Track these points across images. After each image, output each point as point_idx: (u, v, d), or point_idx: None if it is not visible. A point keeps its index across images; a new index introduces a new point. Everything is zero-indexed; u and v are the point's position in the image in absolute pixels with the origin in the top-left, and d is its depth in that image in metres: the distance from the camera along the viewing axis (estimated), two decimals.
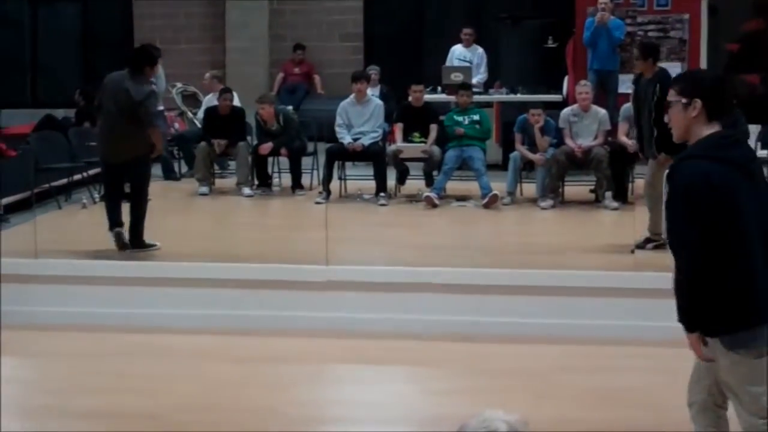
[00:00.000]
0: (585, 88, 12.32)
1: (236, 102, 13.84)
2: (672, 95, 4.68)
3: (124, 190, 9.98)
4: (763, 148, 13.35)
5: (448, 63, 15.04)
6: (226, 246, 10.26)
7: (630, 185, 12.07)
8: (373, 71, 15.18)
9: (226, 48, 17.92)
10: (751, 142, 12.64)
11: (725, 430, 4.83)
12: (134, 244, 9.61)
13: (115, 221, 9.68)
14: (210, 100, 14.44)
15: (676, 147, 4.87)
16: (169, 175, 14.18)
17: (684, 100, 4.61)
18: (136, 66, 9.68)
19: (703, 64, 14.75)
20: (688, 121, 4.62)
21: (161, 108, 14.18)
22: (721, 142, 4.58)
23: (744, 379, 4.50)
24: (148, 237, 9.71)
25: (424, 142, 12.64)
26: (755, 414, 4.51)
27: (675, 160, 4.62)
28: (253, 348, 8.05)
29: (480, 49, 15.35)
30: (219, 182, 13.73)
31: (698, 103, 4.59)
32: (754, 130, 12.91)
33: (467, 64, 14.94)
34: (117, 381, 7.22)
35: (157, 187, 13.25)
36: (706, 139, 4.58)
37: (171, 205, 12.59)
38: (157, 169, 14.24)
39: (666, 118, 4.76)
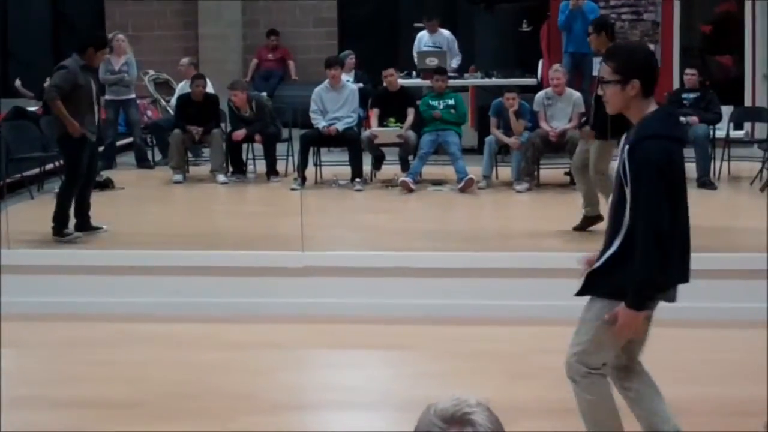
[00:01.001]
0: (558, 72, 12.33)
1: (209, 89, 13.78)
2: (607, 73, 4.72)
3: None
4: (735, 128, 13.42)
5: (415, 50, 15.06)
6: (202, 234, 10.22)
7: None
8: (350, 56, 15.16)
9: (199, 34, 17.84)
10: (724, 123, 12.71)
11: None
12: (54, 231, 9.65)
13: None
14: (184, 87, 14.38)
15: (619, 128, 4.97)
16: (143, 163, 14.13)
17: (621, 79, 4.66)
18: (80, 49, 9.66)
19: (677, 46, 14.82)
20: (626, 100, 4.71)
21: (132, 96, 14.16)
22: (671, 121, 4.75)
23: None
24: (126, 224, 9.68)
25: (400, 127, 12.62)
26: None
27: (635, 139, 4.64)
28: (231, 335, 8.03)
29: (446, 33, 15.34)
30: (193, 170, 13.69)
31: (636, 82, 4.66)
32: (726, 111, 12.99)
33: (438, 49, 14.93)
34: (98, 370, 7.19)
35: (130, 175, 13.28)
36: (660, 118, 4.68)
37: (145, 193, 12.55)
38: (130, 157, 14.23)
39: (600, 92, 4.81)
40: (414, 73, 14.74)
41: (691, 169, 11.94)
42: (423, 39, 15.30)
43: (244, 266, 8.76)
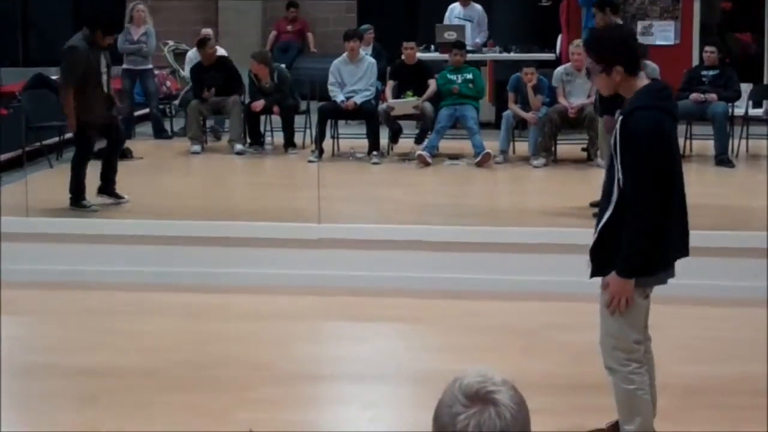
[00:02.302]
0: (578, 48, 12.26)
1: (222, 52, 13.79)
2: (591, 64, 4.85)
3: (103, 150, 10.03)
4: (754, 106, 13.36)
5: (446, 21, 14.98)
6: (219, 205, 10.26)
7: None
8: (367, 30, 15.14)
9: (218, 6, 17.83)
10: (743, 100, 12.66)
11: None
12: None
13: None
14: (192, 56, 14.35)
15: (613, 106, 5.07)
16: (160, 133, 14.15)
17: (604, 68, 4.78)
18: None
19: (696, 22, 14.74)
20: (614, 85, 4.85)
21: (150, 66, 14.17)
22: (663, 93, 4.84)
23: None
24: (145, 194, 9.75)
25: (417, 99, 12.61)
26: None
27: (626, 110, 4.75)
28: (246, 305, 8.08)
29: (479, 7, 15.26)
30: (211, 142, 13.71)
31: (619, 68, 4.79)
32: (745, 88, 12.93)
33: (467, 23, 14.88)
34: (113, 339, 7.25)
35: (148, 146, 13.31)
36: (652, 90, 4.79)
37: (164, 164, 12.60)
38: (148, 128, 14.26)
39: (589, 78, 4.89)
40: (432, 47, 14.71)
41: (709, 146, 11.93)
42: (455, 10, 15.20)
43: (261, 237, 8.79)
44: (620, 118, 4.73)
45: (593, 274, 4.92)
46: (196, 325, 7.59)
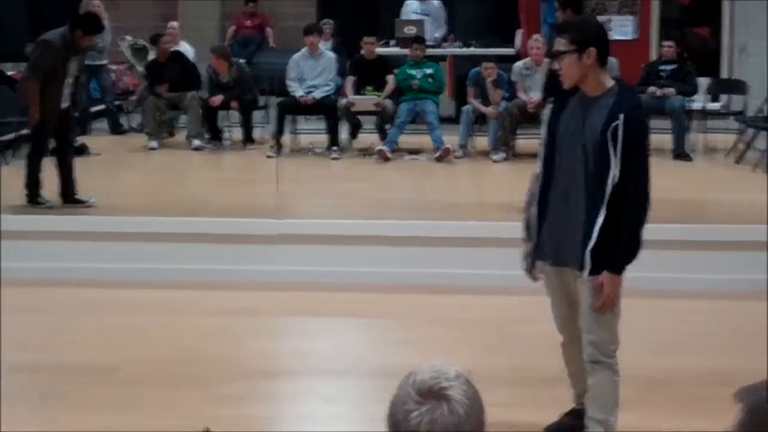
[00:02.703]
0: (537, 42, 12.29)
1: (186, 48, 13.70)
2: (563, 44, 4.85)
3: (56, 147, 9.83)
4: (712, 100, 13.44)
5: (403, 17, 14.95)
6: (177, 201, 10.18)
7: None
8: (327, 25, 15.08)
9: (177, 1, 17.69)
10: (700, 94, 12.73)
11: None
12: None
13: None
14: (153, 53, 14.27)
15: None
16: (116, 128, 14.04)
17: (577, 48, 4.75)
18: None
19: (655, 16, 14.80)
20: (583, 70, 4.80)
21: (105, 61, 14.04)
22: (636, 91, 5.01)
23: None
24: (103, 191, 9.64)
25: (378, 95, 12.59)
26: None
27: (628, 108, 4.76)
28: (207, 302, 8.02)
29: (436, 2, 15.24)
30: (169, 137, 13.62)
31: (593, 51, 4.79)
32: (703, 83, 13.01)
33: (422, 17, 14.86)
34: (76, 335, 7.19)
35: (105, 141, 13.20)
36: (631, 90, 4.90)
37: (121, 160, 12.49)
38: (104, 123, 14.14)
39: (556, 66, 4.85)
40: (392, 42, 14.68)
41: (667, 140, 11.98)
42: (412, 6, 15.17)
43: (220, 233, 8.74)
44: (621, 116, 4.71)
45: (592, 273, 4.87)
46: (158, 322, 7.52)
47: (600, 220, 4.78)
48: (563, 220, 4.96)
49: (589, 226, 4.82)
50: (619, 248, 4.81)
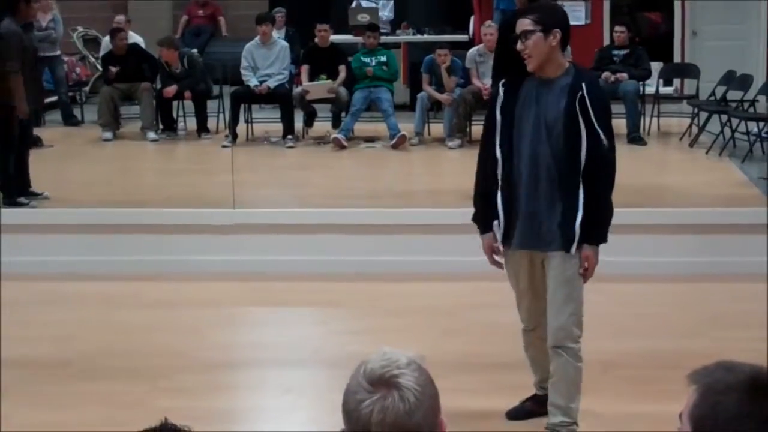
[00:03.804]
0: (490, 29, 12.28)
1: (136, 39, 13.60)
2: (529, 25, 4.88)
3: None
4: (665, 85, 13.53)
5: (354, 5, 14.92)
6: (132, 191, 10.12)
7: None
8: (279, 13, 15.00)
9: None
10: (653, 79, 12.80)
11: None
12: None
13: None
14: (107, 43, 14.15)
15: None
16: (69, 120, 13.92)
17: (543, 29, 4.83)
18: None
19: (606, 2, 14.86)
20: (549, 50, 4.86)
21: (58, 53, 13.92)
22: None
23: None
24: (56, 182, 9.49)
25: (332, 81, 12.54)
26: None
27: (588, 79, 4.94)
28: (161, 293, 7.98)
29: None
30: (123, 127, 13.51)
31: (558, 32, 4.87)
32: (656, 67, 13.08)
33: (374, 5, 14.83)
34: (24, 330, 7.10)
35: (58, 133, 13.07)
36: (585, 69, 5.02)
37: (75, 151, 12.38)
38: (57, 115, 14.01)
39: (520, 47, 4.85)
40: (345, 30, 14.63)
41: (621, 125, 12.02)
42: None
43: (175, 224, 8.68)
44: (583, 85, 4.82)
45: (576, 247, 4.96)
46: (111, 314, 7.47)
47: (581, 194, 4.85)
48: (534, 204, 4.97)
49: (568, 204, 4.87)
50: (599, 220, 4.93)
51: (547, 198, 4.93)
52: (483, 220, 5.17)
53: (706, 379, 2.10)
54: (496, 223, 5.09)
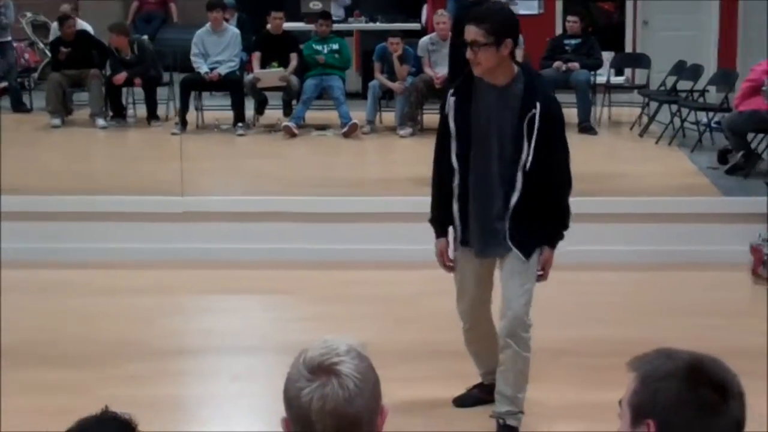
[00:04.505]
0: (443, 17, 12.27)
1: (85, 27, 13.47)
2: (482, 35, 4.81)
3: None
4: (616, 74, 13.59)
5: None
6: (80, 178, 10.01)
7: None
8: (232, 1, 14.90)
9: None
10: (605, 68, 12.85)
11: None
12: None
13: None
14: (56, 29, 14.00)
15: None
16: (19, 107, 13.75)
17: (495, 40, 4.80)
18: None
19: None
20: (500, 60, 4.84)
21: (9, 38, 13.76)
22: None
23: None
24: (2, 169, 9.38)
25: (283, 69, 12.48)
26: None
27: (544, 98, 4.91)
28: (110, 280, 7.92)
29: None
30: (72, 114, 13.38)
31: (509, 42, 4.86)
32: (607, 57, 13.13)
33: None
34: None
35: (6, 120, 12.90)
36: (539, 75, 4.97)
37: (23, 138, 12.23)
38: (5, 101, 13.85)
39: (469, 55, 4.82)
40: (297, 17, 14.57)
41: (572, 114, 12.06)
42: None
43: (124, 211, 8.62)
44: (538, 105, 4.82)
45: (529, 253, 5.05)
46: (58, 302, 7.40)
47: (537, 202, 4.93)
48: (491, 213, 5.02)
49: (525, 213, 4.93)
50: (557, 225, 5.05)
51: (503, 206, 4.96)
52: (439, 224, 5.20)
53: (646, 366, 2.11)
54: (451, 228, 5.13)
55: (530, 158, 4.83)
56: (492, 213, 4.99)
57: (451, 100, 5.00)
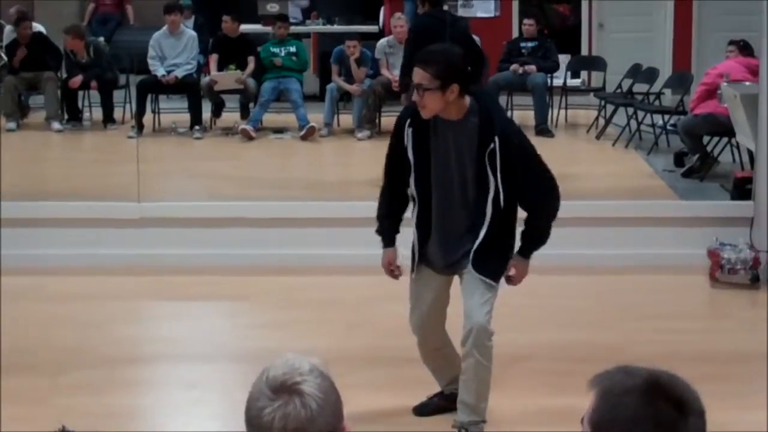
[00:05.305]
0: (400, 20, 12.27)
1: (38, 28, 13.36)
2: (427, 79, 4.75)
3: None
4: (573, 77, 13.63)
5: None
6: (35, 183, 9.92)
7: None
8: (187, 2, 14.82)
9: None
10: (561, 71, 12.89)
11: None
12: None
13: None
14: (10, 32, 13.86)
15: None
16: None
17: (440, 85, 4.74)
18: None
19: None
20: (445, 104, 4.81)
21: None
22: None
23: None
24: None
25: (241, 71, 12.43)
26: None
27: (501, 130, 4.83)
28: (63, 287, 7.84)
29: None
30: (28, 117, 13.25)
31: (456, 87, 4.78)
32: (564, 59, 13.17)
33: None
34: None
35: None
36: (496, 102, 5.10)
37: None
38: None
39: (415, 98, 4.79)
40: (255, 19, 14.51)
41: (529, 116, 12.10)
42: None
43: (78, 217, 8.52)
44: (496, 139, 4.77)
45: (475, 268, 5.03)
46: (8, 309, 7.28)
47: (480, 238, 4.93)
48: (451, 239, 5.03)
49: (485, 245, 4.94)
50: (531, 242, 5.11)
51: (469, 236, 4.96)
52: (386, 235, 5.26)
53: (605, 383, 2.11)
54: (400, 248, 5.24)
55: (500, 191, 4.82)
56: (455, 239, 4.99)
57: (408, 131, 4.94)
